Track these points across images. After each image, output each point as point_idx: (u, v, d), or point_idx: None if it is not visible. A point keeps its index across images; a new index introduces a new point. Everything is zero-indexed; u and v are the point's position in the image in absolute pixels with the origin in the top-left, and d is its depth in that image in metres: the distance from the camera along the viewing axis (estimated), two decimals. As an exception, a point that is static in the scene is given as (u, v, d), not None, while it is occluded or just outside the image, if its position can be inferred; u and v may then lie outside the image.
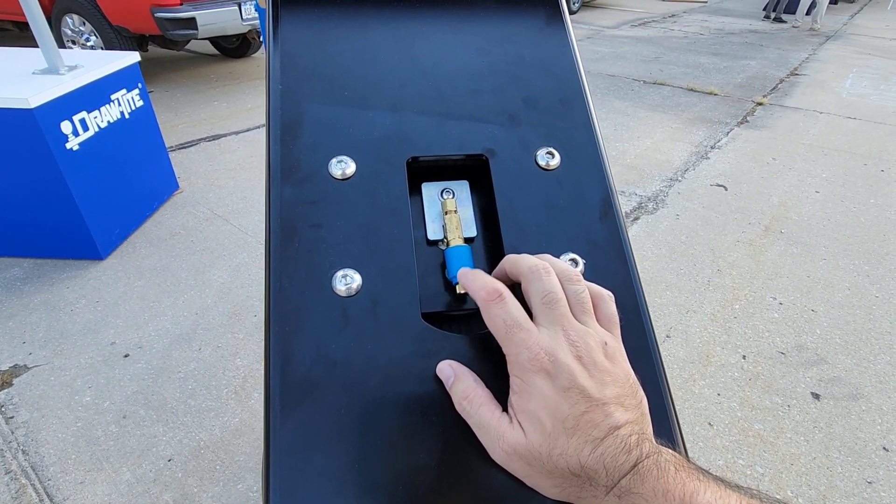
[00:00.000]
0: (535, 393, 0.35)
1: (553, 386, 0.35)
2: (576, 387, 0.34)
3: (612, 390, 0.35)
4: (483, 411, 0.37)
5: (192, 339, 2.01)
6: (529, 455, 0.35)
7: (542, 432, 0.34)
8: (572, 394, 0.34)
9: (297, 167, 0.45)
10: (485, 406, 0.37)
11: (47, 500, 1.46)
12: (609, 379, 0.36)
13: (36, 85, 2.08)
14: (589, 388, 0.35)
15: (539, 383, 0.35)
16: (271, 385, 0.39)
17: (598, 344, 0.37)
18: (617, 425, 0.34)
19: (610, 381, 0.36)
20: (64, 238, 2.35)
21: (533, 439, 0.35)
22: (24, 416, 1.69)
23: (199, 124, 3.96)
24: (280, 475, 0.37)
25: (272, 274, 0.41)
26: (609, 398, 0.35)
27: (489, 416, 0.37)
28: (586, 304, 0.39)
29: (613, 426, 0.34)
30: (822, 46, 7.29)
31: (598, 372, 0.36)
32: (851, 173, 3.52)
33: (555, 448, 0.34)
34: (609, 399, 0.35)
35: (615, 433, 0.34)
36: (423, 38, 0.53)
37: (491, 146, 0.48)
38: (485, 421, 0.37)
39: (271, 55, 0.49)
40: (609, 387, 0.35)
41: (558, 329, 0.36)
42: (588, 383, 0.35)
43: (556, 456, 0.34)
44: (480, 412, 0.37)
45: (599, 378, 0.35)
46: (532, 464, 0.35)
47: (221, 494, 1.49)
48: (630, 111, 4.56)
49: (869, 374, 1.96)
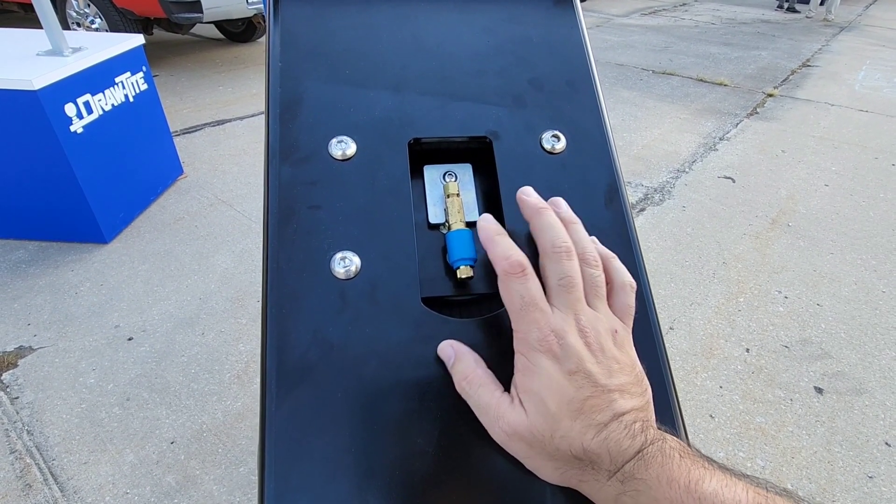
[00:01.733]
0: (540, 373, 0.35)
1: (560, 368, 0.34)
2: (582, 371, 0.34)
3: (618, 378, 0.35)
4: (482, 392, 0.36)
5: (196, 324, 2.02)
6: (531, 436, 0.34)
7: (545, 413, 0.34)
8: (578, 378, 0.34)
9: (297, 147, 0.44)
10: (484, 387, 0.37)
11: (52, 479, 1.48)
12: (617, 366, 0.35)
13: (40, 66, 2.07)
14: (596, 373, 0.34)
15: (545, 364, 0.35)
16: (268, 367, 0.38)
17: (607, 331, 0.37)
18: (622, 411, 0.34)
19: (617, 368, 0.35)
20: (68, 221, 2.36)
21: (535, 420, 0.34)
22: (29, 396, 1.71)
23: (203, 109, 3.94)
24: (276, 458, 0.36)
25: (270, 255, 0.41)
26: (615, 385, 0.35)
27: (489, 396, 0.36)
28: (600, 290, 0.38)
29: (618, 412, 0.34)
30: (835, 38, 7.16)
31: (605, 359, 0.35)
32: (862, 167, 3.48)
33: (557, 430, 0.34)
34: (615, 386, 0.35)
35: (620, 419, 0.33)
36: (428, 17, 0.51)
37: (495, 128, 0.47)
38: (484, 401, 0.36)
39: (271, 32, 0.48)
40: (616, 374, 0.35)
41: (570, 313, 0.36)
42: (595, 369, 0.35)
43: (559, 438, 0.34)
44: (480, 392, 0.36)
45: (607, 365, 0.35)
46: (533, 445, 0.35)
47: (223, 477, 1.51)
48: (638, 101, 4.50)
49: (873, 369, 1.95)
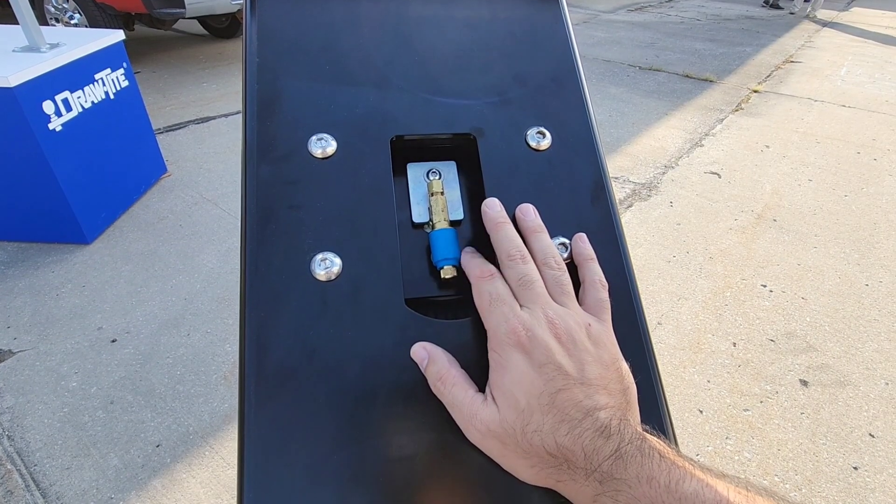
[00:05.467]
0: (510, 368, 0.34)
1: (529, 361, 0.34)
2: (552, 363, 0.34)
3: (592, 371, 0.35)
4: (456, 391, 0.36)
5: (181, 325, 1.99)
6: (503, 432, 0.34)
7: (516, 408, 0.34)
8: (548, 370, 0.34)
9: (275, 145, 0.43)
10: (458, 386, 0.36)
11: (33, 485, 1.45)
12: (590, 359, 0.35)
13: (16, 63, 2.02)
14: (566, 365, 0.34)
15: (515, 358, 0.34)
16: (246, 372, 0.37)
17: (579, 325, 0.36)
18: (596, 407, 0.33)
19: (591, 361, 0.35)
20: (48, 221, 2.31)
21: (506, 415, 0.34)
22: (9, 401, 1.67)
23: (187, 106, 3.88)
24: (255, 465, 0.35)
25: (248, 257, 0.40)
26: (589, 379, 0.34)
27: (462, 394, 0.36)
28: (565, 287, 0.39)
29: (592, 408, 0.33)
30: (818, 34, 7.24)
31: (577, 351, 0.35)
32: (844, 162, 3.52)
33: (529, 424, 0.33)
34: (589, 380, 0.34)
35: (594, 415, 0.33)
36: (410, 12, 0.50)
37: (479, 125, 0.46)
38: (458, 400, 0.36)
39: (248, 26, 0.46)
40: (589, 367, 0.35)
41: (538, 308, 0.36)
42: (565, 361, 0.34)
43: (531, 433, 0.33)
44: (454, 392, 0.36)
45: (578, 357, 0.35)
46: (506, 442, 0.34)
47: (210, 480, 1.49)
48: (625, 97, 4.52)
49: (857, 361, 1.98)
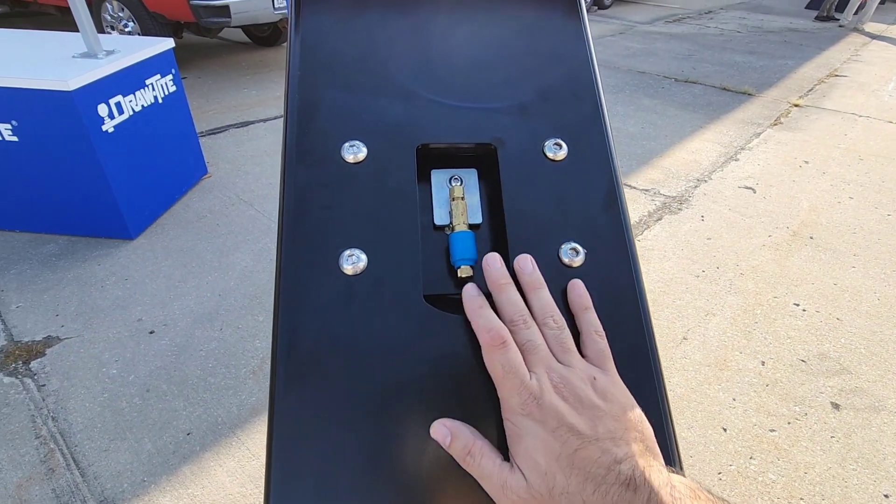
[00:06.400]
0: (526, 435, 0.36)
1: (543, 428, 0.35)
2: (564, 426, 0.35)
3: (605, 425, 0.35)
4: (485, 462, 0.37)
5: (215, 320, 2.07)
6: (532, 498, 0.34)
7: (539, 472, 0.34)
8: (561, 432, 0.35)
9: (311, 151, 0.47)
10: (486, 457, 0.37)
11: (73, 465, 1.54)
12: (600, 414, 0.36)
13: (75, 68, 2.16)
14: (577, 425, 0.35)
15: (529, 426, 0.36)
16: (278, 356, 0.41)
17: (583, 381, 0.37)
18: (616, 460, 0.34)
19: (601, 416, 0.36)
20: (97, 217, 2.44)
21: (532, 481, 0.34)
22: (55, 384, 1.78)
23: (228, 111, 4.04)
24: (282, 442, 0.39)
25: (283, 251, 0.43)
26: (603, 434, 0.35)
27: (491, 465, 0.36)
28: (566, 344, 0.40)
29: (612, 461, 0.33)
30: (865, 47, 7.00)
31: (586, 409, 0.36)
32: (889, 180, 3.39)
33: (554, 487, 0.34)
34: (602, 435, 0.35)
35: (615, 469, 0.33)
36: (440, 28, 0.54)
37: (500, 136, 0.49)
38: (487, 471, 0.36)
39: (292, 41, 0.51)
40: (602, 422, 0.35)
41: (543, 372, 0.37)
42: (576, 420, 0.35)
43: (558, 495, 0.34)
44: (482, 464, 0.37)
45: (589, 415, 0.36)
46: None
47: (236, 469, 1.54)
48: (659, 109, 4.47)
49: (893, 386, 1.90)
